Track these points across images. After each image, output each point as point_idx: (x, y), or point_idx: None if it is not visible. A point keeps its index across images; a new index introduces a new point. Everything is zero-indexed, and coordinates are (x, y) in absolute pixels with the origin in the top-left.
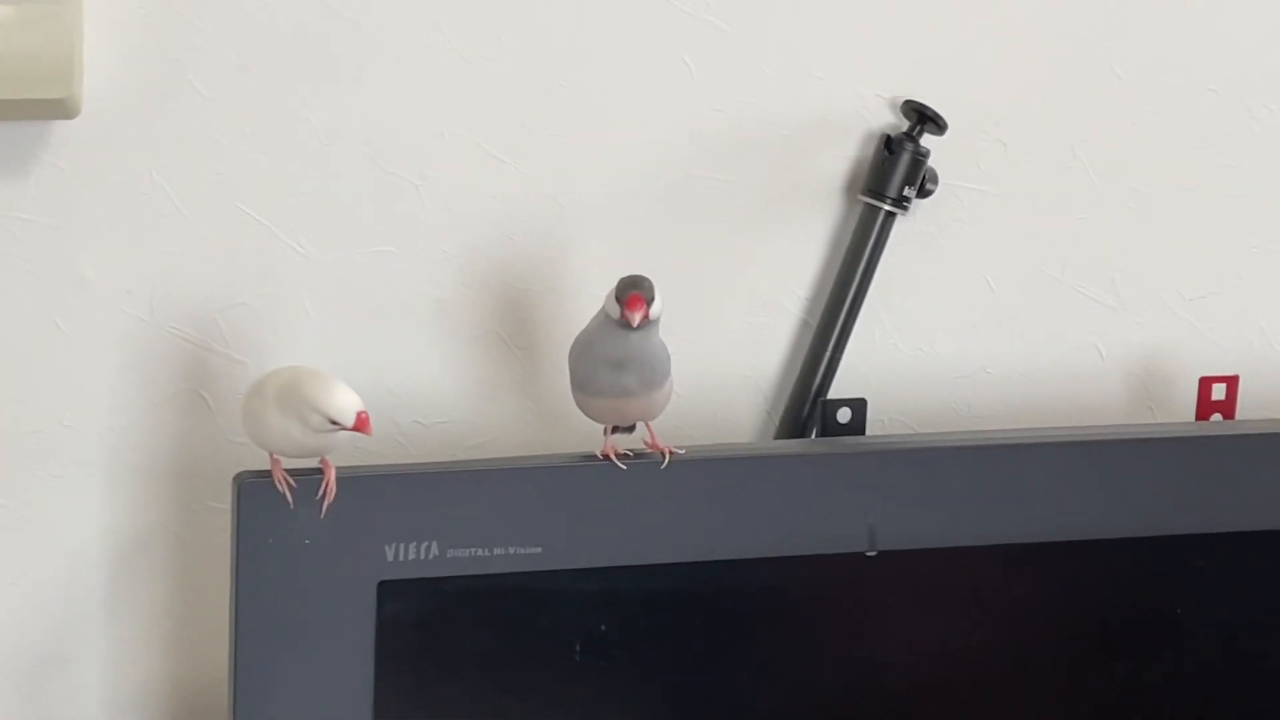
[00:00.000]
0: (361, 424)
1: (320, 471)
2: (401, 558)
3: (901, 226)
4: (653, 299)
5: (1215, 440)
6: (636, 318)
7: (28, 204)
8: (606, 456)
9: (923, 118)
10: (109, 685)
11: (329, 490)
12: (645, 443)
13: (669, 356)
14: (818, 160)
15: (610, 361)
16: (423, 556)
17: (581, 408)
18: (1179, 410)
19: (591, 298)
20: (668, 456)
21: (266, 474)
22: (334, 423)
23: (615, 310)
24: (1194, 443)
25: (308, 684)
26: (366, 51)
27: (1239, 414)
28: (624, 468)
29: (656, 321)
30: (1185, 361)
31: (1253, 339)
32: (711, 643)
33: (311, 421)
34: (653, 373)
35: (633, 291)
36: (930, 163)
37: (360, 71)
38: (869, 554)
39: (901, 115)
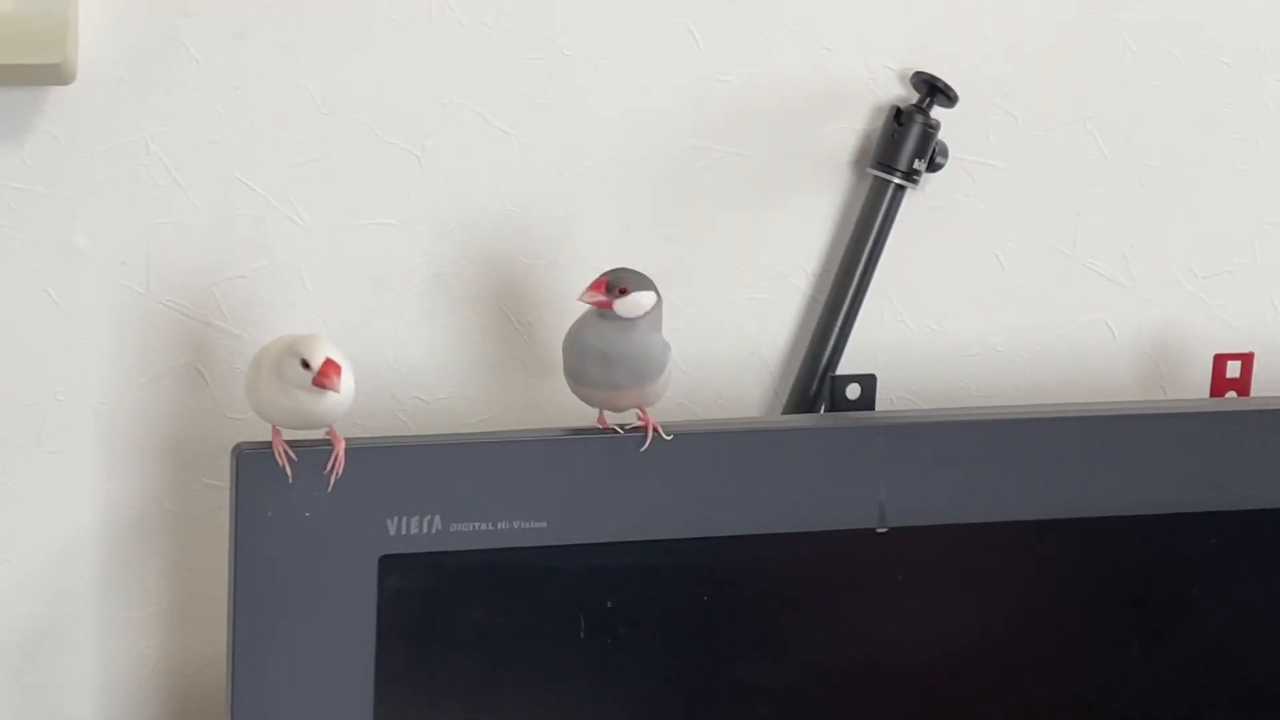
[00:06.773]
0: (327, 368)
1: (323, 444)
2: (404, 531)
3: (910, 201)
4: (625, 289)
5: (1231, 416)
6: None
7: (21, 172)
8: (603, 423)
9: (933, 89)
10: (102, 665)
11: (337, 464)
12: (637, 416)
13: (666, 348)
14: (825, 132)
15: (598, 356)
16: (425, 530)
17: (575, 393)
18: (1190, 389)
19: (595, 272)
20: (651, 436)
21: (266, 445)
22: (305, 366)
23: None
24: (1210, 418)
25: (308, 660)
26: (366, 18)
27: (1252, 393)
28: (621, 432)
29: (648, 316)
30: (1197, 340)
31: (1266, 317)
32: (719, 620)
33: (286, 370)
34: (644, 368)
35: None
36: (940, 136)
37: (360, 39)
38: (879, 530)
39: (911, 87)
